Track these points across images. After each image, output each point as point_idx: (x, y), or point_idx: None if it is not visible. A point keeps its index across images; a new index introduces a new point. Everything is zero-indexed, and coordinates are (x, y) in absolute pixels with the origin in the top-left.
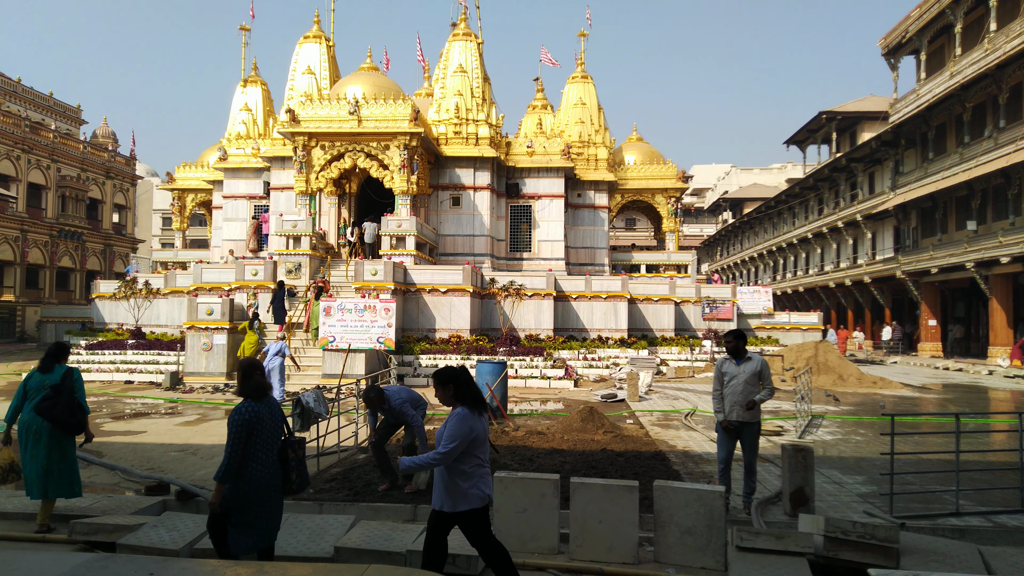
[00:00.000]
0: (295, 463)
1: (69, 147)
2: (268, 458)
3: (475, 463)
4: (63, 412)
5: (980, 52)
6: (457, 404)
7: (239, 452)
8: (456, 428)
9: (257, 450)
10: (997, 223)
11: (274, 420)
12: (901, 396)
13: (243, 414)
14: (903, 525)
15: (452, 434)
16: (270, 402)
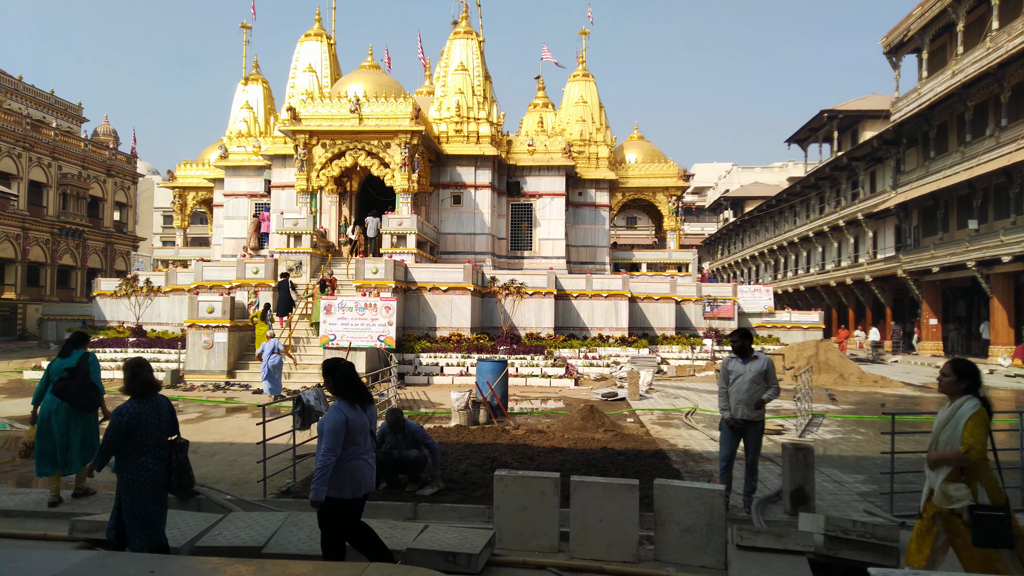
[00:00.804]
0: (176, 465)
1: (70, 145)
2: (149, 457)
3: (351, 453)
4: (76, 391)
5: (982, 51)
6: (336, 396)
7: (112, 450)
8: (330, 419)
9: (138, 449)
10: (999, 222)
11: (159, 419)
12: (902, 395)
13: (122, 414)
14: (903, 524)
15: (329, 428)
16: (156, 401)
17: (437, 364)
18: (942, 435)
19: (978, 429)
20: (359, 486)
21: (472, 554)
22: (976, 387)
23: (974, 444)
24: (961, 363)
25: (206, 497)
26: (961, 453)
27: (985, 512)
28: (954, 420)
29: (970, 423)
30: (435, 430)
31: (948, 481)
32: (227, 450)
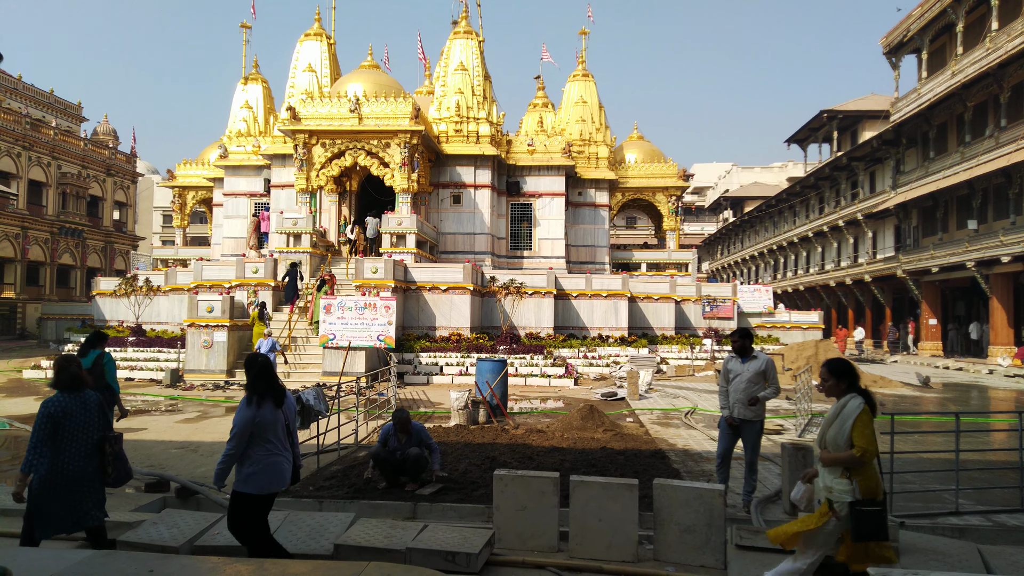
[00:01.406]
0: (111, 457)
1: (70, 144)
2: (79, 450)
3: (263, 451)
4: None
5: (982, 51)
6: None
7: (42, 444)
8: (237, 417)
9: (65, 442)
10: (998, 222)
11: (87, 413)
12: (901, 395)
13: (48, 407)
14: (903, 524)
15: (235, 424)
16: (84, 395)
17: (437, 364)
18: (828, 432)
19: (866, 429)
20: (269, 484)
21: (471, 553)
22: (856, 383)
23: (866, 446)
24: (836, 364)
25: (205, 497)
26: (855, 456)
27: (865, 508)
28: (840, 419)
29: (858, 424)
30: (435, 430)
31: (835, 479)
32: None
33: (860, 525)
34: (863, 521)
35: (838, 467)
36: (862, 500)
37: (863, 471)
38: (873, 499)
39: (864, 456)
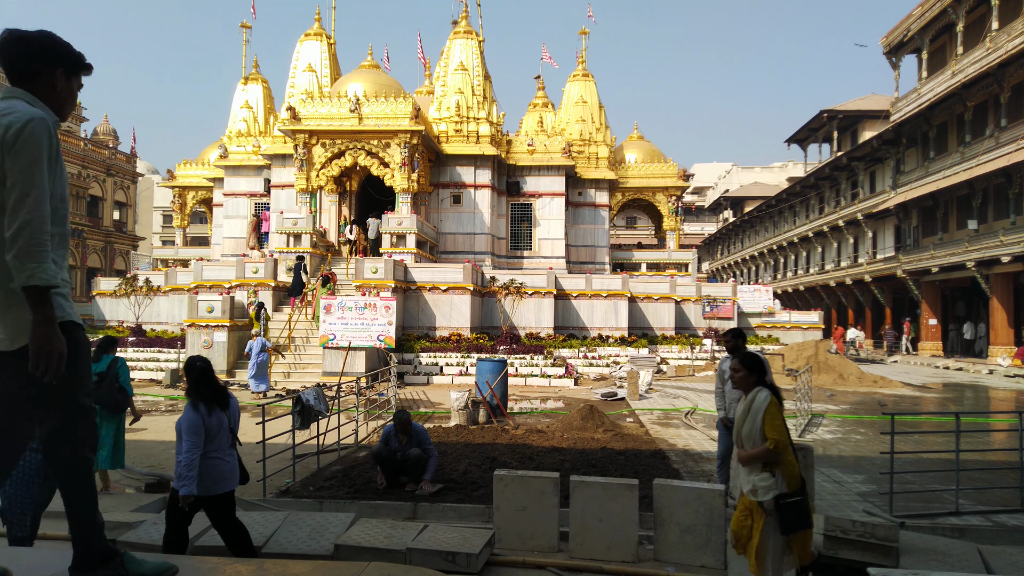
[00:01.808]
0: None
1: (69, 144)
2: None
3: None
4: (105, 395)
5: (982, 51)
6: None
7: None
8: (185, 419)
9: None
10: (998, 222)
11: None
12: (901, 395)
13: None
14: (903, 524)
15: (186, 427)
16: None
17: (437, 364)
18: (743, 429)
19: (776, 420)
20: (215, 484)
21: (471, 554)
22: (764, 377)
23: (778, 437)
24: (747, 357)
25: None
26: (769, 449)
27: (788, 499)
28: (751, 413)
29: (767, 416)
30: (435, 430)
31: (756, 474)
32: None
33: (785, 517)
34: (788, 512)
35: (758, 463)
36: (786, 493)
37: (783, 462)
38: (795, 490)
39: (777, 447)
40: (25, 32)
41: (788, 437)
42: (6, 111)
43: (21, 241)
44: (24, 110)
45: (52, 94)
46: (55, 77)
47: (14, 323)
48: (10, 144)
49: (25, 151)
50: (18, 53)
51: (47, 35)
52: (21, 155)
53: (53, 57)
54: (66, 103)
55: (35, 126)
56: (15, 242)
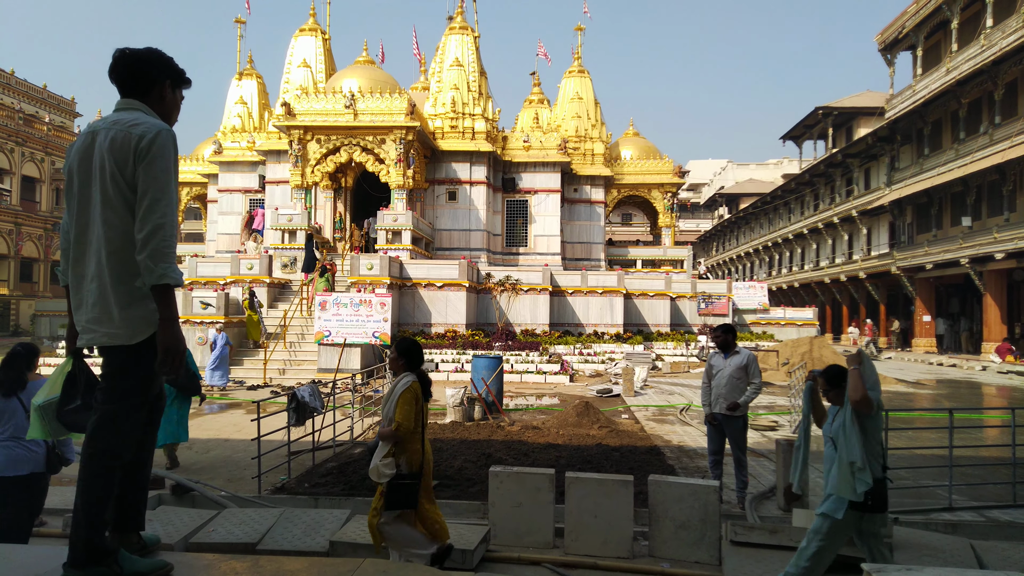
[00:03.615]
0: None
1: (63, 140)
2: None
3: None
4: (184, 379)
5: (976, 48)
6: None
7: None
8: None
9: None
10: (992, 219)
11: None
12: (895, 392)
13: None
14: (896, 520)
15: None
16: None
17: (432, 360)
18: (385, 409)
19: (406, 406)
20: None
21: (467, 550)
22: (415, 364)
23: (402, 421)
24: (403, 343)
25: (200, 494)
26: (392, 431)
27: (403, 480)
28: (392, 395)
29: (400, 400)
30: (430, 426)
31: (382, 457)
32: (221, 446)
33: (391, 495)
34: (395, 491)
35: (387, 444)
36: (403, 474)
37: (407, 449)
38: (411, 473)
39: (398, 430)
40: (136, 50)
41: (411, 424)
42: (135, 122)
43: (153, 243)
44: (152, 121)
45: (162, 105)
46: (164, 89)
47: (133, 319)
48: (143, 153)
49: (158, 160)
50: (132, 69)
51: (156, 51)
52: (154, 163)
53: (161, 71)
54: (172, 112)
55: (165, 136)
56: (147, 244)
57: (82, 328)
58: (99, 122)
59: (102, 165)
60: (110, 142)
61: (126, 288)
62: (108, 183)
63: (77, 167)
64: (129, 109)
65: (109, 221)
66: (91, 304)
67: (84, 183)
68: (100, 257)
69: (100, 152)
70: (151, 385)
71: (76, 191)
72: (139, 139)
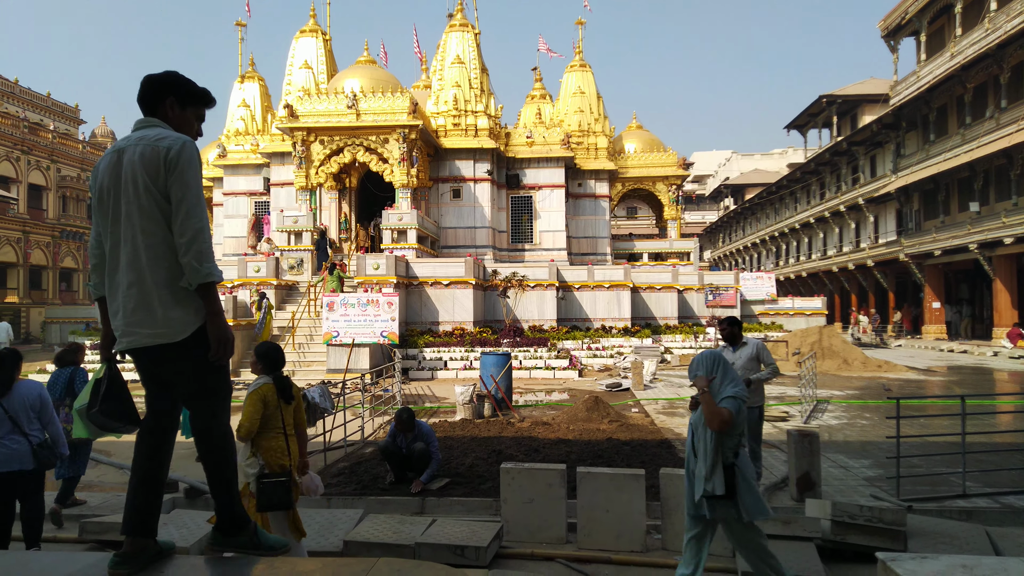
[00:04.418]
0: None
1: (68, 147)
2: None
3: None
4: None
5: (981, 32)
6: None
7: None
8: None
9: None
10: (1000, 204)
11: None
12: (906, 379)
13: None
14: (910, 508)
15: None
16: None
17: (440, 358)
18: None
19: (250, 407)
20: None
21: (480, 547)
22: (272, 367)
23: (243, 422)
24: (259, 347)
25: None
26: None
27: (269, 479)
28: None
29: (247, 402)
30: (440, 424)
31: (244, 458)
32: None
33: (262, 496)
34: (265, 492)
35: (246, 446)
36: (267, 473)
37: (262, 447)
38: (277, 472)
39: (240, 431)
40: (162, 73)
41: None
42: (160, 136)
43: (196, 246)
44: (176, 134)
45: (176, 122)
46: (167, 107)
47: (178, 318)
48: (172, 164)
49: (187, 169)
50: (143, 90)
51: (168, 73)
52: (184, 173)
53: (163, 89)
54: (182, 128)
55: (190, 147)
56: (190, 247)
57: (122, 332)
58: (123, 141)
59: (134, 179)
60: (140, 157)
61: (169, 290)
62: (142, 195)
63: (109, 184)
64: (150, 126)
65: (147, 230)
66: (131, 309)
67: (117, 198)
68: (140, 264)
69: (131, 167)
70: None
71: (109, 207)
72: (167, 151)
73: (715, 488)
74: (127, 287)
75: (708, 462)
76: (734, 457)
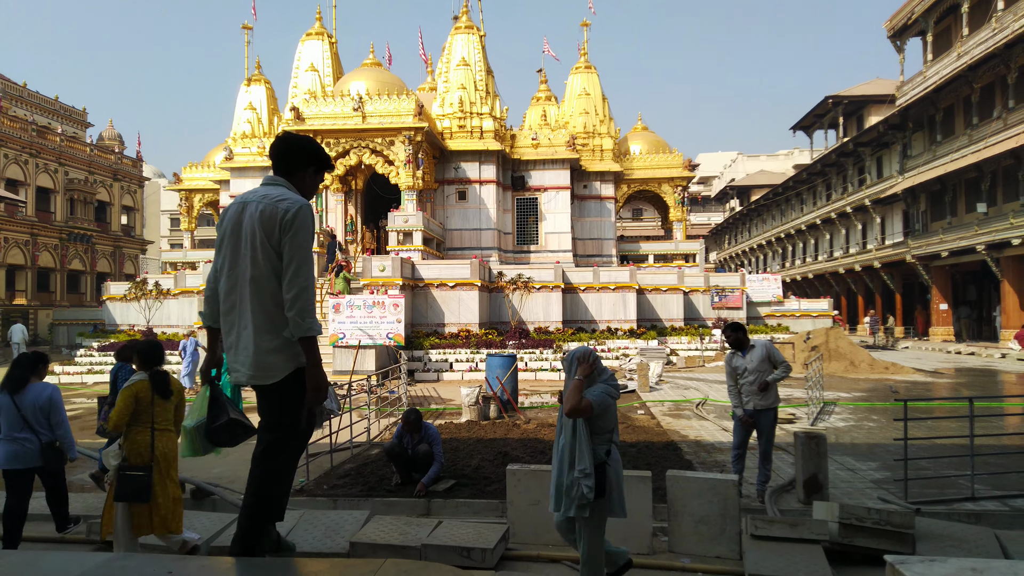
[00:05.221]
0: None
1: (76, 150)
2: None
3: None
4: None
5: (987, 32)
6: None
7: None
8: None
9: None
10: (1008, 204)
11: None
12: (913, 381)
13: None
14: (918, 511)
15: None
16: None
17: (446, 360)
18: None
19: (121, 402)
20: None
21: (487, 548)
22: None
23: (113, 415)
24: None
25: (220, 498)
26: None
27: (128, 472)
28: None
29: (119, 397)
30: (446, 426)
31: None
32: (239, 450)
33: (120, 486)
34: (122, 483)
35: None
36: (128, 465)
37: (130, 439)
38: (138, 465)
39: (108, 423)
40: (293, 136)
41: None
42: (281, 197)
43: (300, 303)
44: (295, 197)
45: (302, 185)
46: (307, 173)
47: (277, 364)
48: (288, 226)
49: (300, 231)
50: (284, 152)
51: (308, 140)
52: (298, 234)
53: (307, 158)
54: (310, 192)
55: (306, 211)
56: (295, 303)
57: (235, 370)
58: (249, 194)
59: (252, 233)
60: (260, 214)
61: (270, 337)
62: (258, 249)
63: (229, 232)
64: (275, 185)
65: (259, 282)
66: (242, 348)
67: (235, 246)
68: (251, 311)
69: (251, 222)
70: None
71: (227, 251)
72: (284, 213)
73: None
74: (240, 330)
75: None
76: (606, 456)
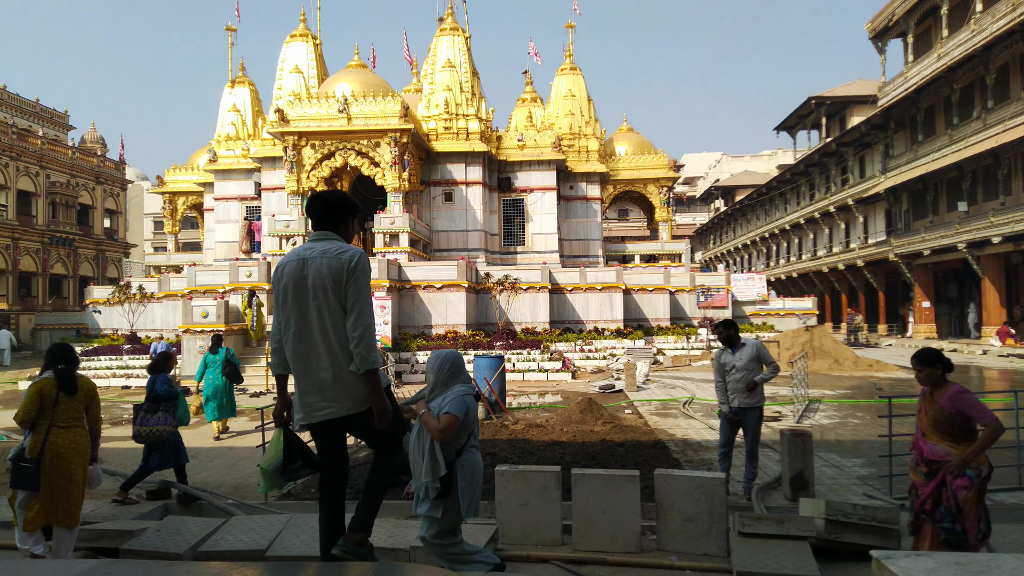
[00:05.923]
0: None
1: (57, 153)
2: None
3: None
4: (233, 373)
5: (967, 33)
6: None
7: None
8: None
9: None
10: (988, 203)
11: None
12: (897, 378)
13: None
14: (903, 506)
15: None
16: None
17: None
18: None
19: (27, 398)
20: None
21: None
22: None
23: (18, 410)
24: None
25: (207, 502)
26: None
27: (21, 462)
28: None
29: (25, 392)
30: None
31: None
32: (225, 455)
33: (12, 475)
34: (14, 472)
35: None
36: (24, 457)
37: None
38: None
39: (15, 418)
40: (330, 194)
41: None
42: (341, 250)
43: (365, 340)
44: (352, 248)
45: (347, 233)
46: (350, 223)
47: (362, 393)
48: (351, 272)
49: (361, 276)
50: (330, 210)
51: (343, 195)
52: (359, 279)
53: (350, 211)
54: (353, 237)
55: (365, 258)
56: (361, 340)
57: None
58: (305, 250)
59: (323, 285)
60: (328, 268)
61: (349, 372)
62: (331, 298)
63: (293, 287)
64: (328, 239)
65: (336, 325)
66: (328, 385)
67: (301, 299)
68: (335, 352)
69: (318, 276)
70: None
71: (292, 303)
72: (348, 262)
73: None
74: (324, 369)
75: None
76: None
